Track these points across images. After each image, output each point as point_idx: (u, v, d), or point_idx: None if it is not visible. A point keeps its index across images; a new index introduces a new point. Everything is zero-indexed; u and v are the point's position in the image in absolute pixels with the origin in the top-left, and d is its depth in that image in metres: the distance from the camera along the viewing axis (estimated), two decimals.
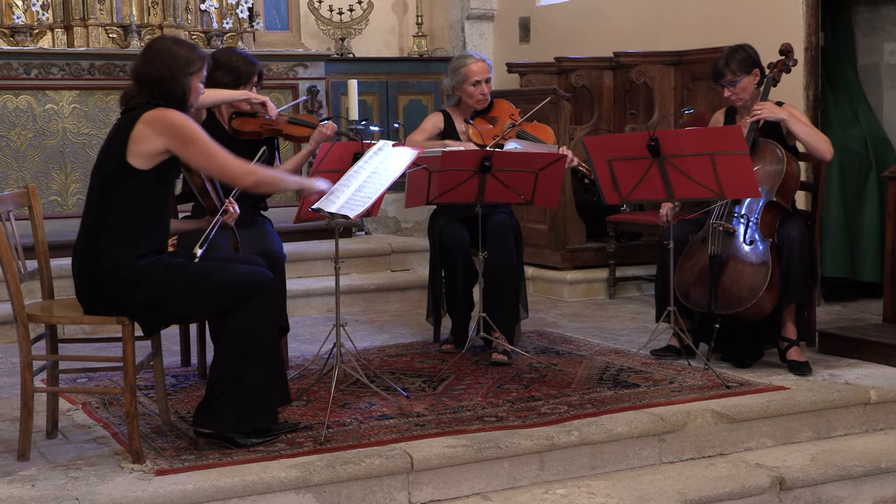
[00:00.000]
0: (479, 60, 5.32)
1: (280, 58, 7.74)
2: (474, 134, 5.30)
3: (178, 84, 3.74)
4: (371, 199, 4.13)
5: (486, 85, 5.31)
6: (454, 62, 5.39)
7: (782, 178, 4.80)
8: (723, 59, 4.98)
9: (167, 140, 3.64)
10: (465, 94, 5.34)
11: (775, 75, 4.98)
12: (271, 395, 3.87)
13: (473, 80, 5.29)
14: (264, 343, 3.81)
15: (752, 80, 4.95)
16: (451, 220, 5.22)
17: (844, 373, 4.75)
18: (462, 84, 5.32)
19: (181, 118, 3.66)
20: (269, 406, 3.87)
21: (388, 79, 8.69)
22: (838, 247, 6.39)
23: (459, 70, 5.32)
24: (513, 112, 5.39)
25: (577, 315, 6.33)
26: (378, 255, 7.17)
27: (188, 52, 3.78)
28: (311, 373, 4.77)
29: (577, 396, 4.41)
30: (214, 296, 3.76)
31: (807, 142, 4.87)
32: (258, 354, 3.79)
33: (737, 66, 4.93)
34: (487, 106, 5.39)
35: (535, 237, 7.03)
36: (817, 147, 4.87)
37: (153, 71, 3.73)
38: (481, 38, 9.04)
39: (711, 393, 4.42)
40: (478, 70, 5.29)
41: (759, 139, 4.88)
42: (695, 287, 4.82)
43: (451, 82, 5.38)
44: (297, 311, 6.31)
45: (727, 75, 4.95)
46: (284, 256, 4.67)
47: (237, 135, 4.77)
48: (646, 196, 4.79)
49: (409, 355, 5.26)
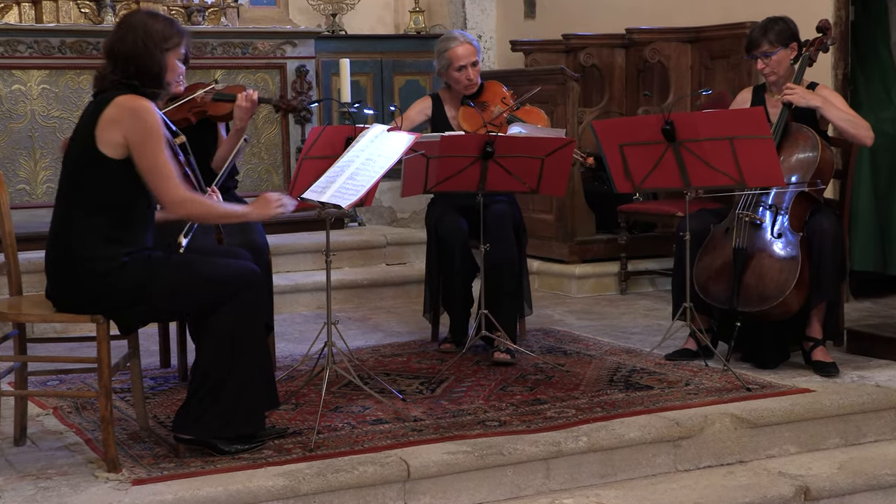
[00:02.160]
0: (464, 43, 5.32)
1: (266, 35, 7.74)
2: (463, 120, 5.31)
3: (154, 60, 3.74)
4: (365, 188, 4.14)
5: (472, 69, 5.32)
6: (438, 45, 5.40)
7: (817, 167, 4.80)
8: (760, 27, 4.99)
9: (127, 129, 3.63)
10: (451, 79, 5.36)
11: (811, 54, 4.98)
12: (258, 398, 3.88)
13: (458, 64, 5.31)
14: (251, 342, 3.82)
15: (788, 55, 4.96)
16: (448, 210, 5.23)
17: (875, 374, 4.76)
18: (447, 69, 5.34)
19: (152, 115, 3.65)
20: (256, 410, 3.88)
21: (382, 58, 8.69)
22: (868, 239, 6.40)
23: (443, 54, 5.34)
24: (504, 96, 5.39)
25: (585, 312, 6.34)
26: (372, 248, 7.18)
27: (165, 26, 3.79)
28: (301, 374, 4.78)
29: (585, 399, 4.43)
30: (197, 291, 3.77)
31: (845, 129, 4.87)
32: (244, 354, 3.80)
33: (775, 37, 4.94)
34: (477, 90, 5.40)
35: (540, 228, 7.05)
36: (857, 134, 4.87)
37: (127, 47, 3.73)
38: (483, 14, 9.04)
39: (731, 396, 4.43)
40: (463, 53, 5.30)
41: (792, 123, 4.88)
42: (715, 281, 4.84)
43: (438, 66, 5.40)
44: (285, 308, 6.33)
45: (763, 45, 4.95)
46: (268, 247, 4.68)
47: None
48: (660, 184, 4.80)
49: (406, 355, 5.27)
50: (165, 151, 3.68)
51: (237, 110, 4.77)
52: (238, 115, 4.77)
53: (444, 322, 5.46)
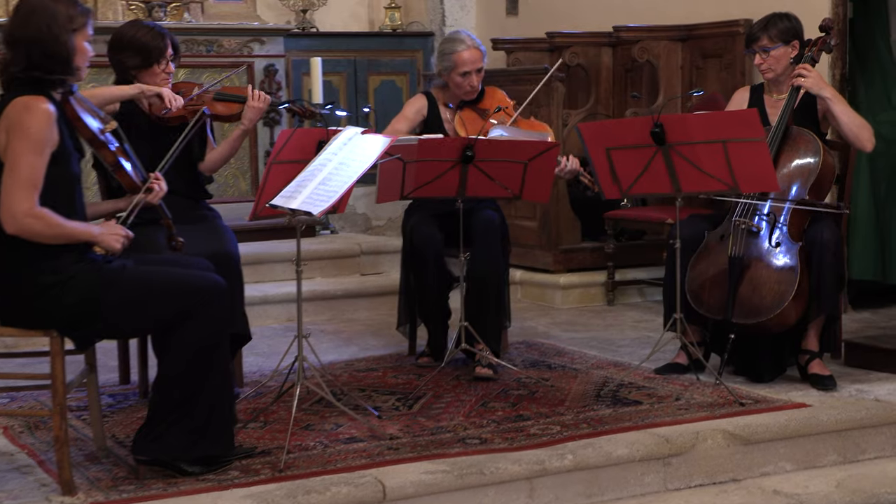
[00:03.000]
0: (471, 47, 5.29)
1: (232, 32, 7.73)
2: (460, 126, 5.30)
3: (61, 44, 3.68)
4: (337, 194, 4.14)
5: (476, 76, 5.29)
6: (443, 45, 5.37)
7: (818, 173, 4.83)
8: (761, 22, 5.02)
9: (7, 129, 3.58)
10: (453, 83, 5.34)
11: (814, 54, 5.00)
12: (225, 418, 3.86)
13: (462, 70, 5.28)
14: (216, 360, 3.80)
15: (788, 52, 4.99)
16: (424, 218, 5.23)
17: (874, 388, 4.79)
18: (450, 72, 5.32)
19: (33, 116, 3.57)
20: (222, 431, 3.86)
21: (356, 56, 8.70)
22: (867, 247, 6.43)
23: (448, 56, 5.31)
24: (506, 105, 5.38)
25: (571, 323, 6.36)
26: (346, 257, 7.18)
27: (68, 6, 3.72)
28: (270, 390, 4.77)
29: (571, 415, 4.44)
30: (155, 307, 3.73)
31: (849, 128, 4.90)
32: (209, 373, 3.78)
33: (776, 33, 4.97)
34: (478, 95, 5.40)
35: (523, 236, 7.06)
36: (859, 136, 4.90)
37: (30, 31, 3.67)
38: (463, 11, 9.06)
39: (723, 411, 4.45)
40: (469, 59, 5.27)
41: (793, 127, 4.91)
42: (709, 291, 4.86)
43: (438, 66, 5.39)
44: (254, 321, 6.22)
45: (762, 40, 4.99)
46: (239, 256, 4.68)
47: (162, 122, 4.75)
48: (649, 189, 4.82)
49: (381, 370, 5.27)
50: (36, 159, 3.57)
51: (248, 110, 4.79)
52: (248, 115, 4.80)
53: (422, 335, 5.46)
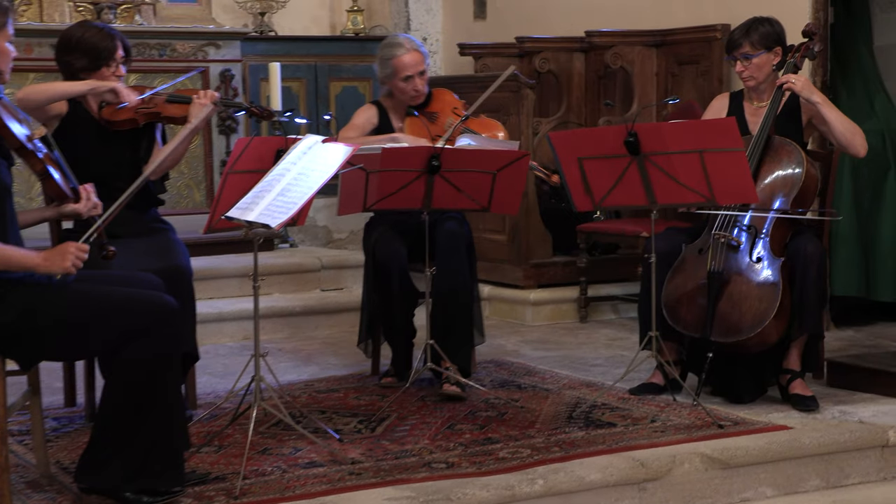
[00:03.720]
0: (410, 50, 5.34)
1: (187, 35, 7.70)
2: (410, 132, 5.32)
3: None
4: (297, 205, 4.12)
5: (419, 79, 5.34)
6: (382, 51, 5.41)
7: (801, 185, 4.85)
8: (742, 27, 5.04)
9: None
10: (397, 89, 5.38)
11: (797, 61, 5.03)
12: (172, 448, 3.81)
13: (404, 74, 5.33)
14: (164, 384, 3.76)
15: (770, 59, 5.02)
16: (388, 231, 5.24)
17: (858, 409, 4.81)
18: (392, 78, 5.36)
19: None
20: (169, 462, 3.80)
21: (317, 62, 8.69)
22: (851, 261, 6.46)
23: (387, 62, 5.35)
24: (456, 105, 5.40)
25: (542, 342, 6.36)
26: (305, 272, 7.17)
27: None
28: (225, 413, 4.74)
29: (542, 438, 4.44)
30: (97, 329, 3.69)
31: (841, 134, 4.93)
32: (156, 399, 3.74)
33: (758, 39, 4.99)
34: (425, 99, 5.41)
35: (492, 250, 7.06)
36: (852, 141, 4.93)
37: None
38: (428, 14, 9.07)
39: (701, 433, 4.46)
40: (410, 62, 5.32)
41: (774, 137, 4.93)
42: (687, 307, 4.87)
43: (380, 74, 5.41)
44: (208, 339, 6.28)
45: (744, 46, 5.01)
46: (192, 272, 4.66)
47: (111, 125, 4.72)
48: (623, 201, 4.83)
49: (343, 391, 5.26)
50: None
51: (195, 108, 4.75)
52: (194, 113, 4.76)
53: (386, 354, 5.45)
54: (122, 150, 4.74)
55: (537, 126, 7.14)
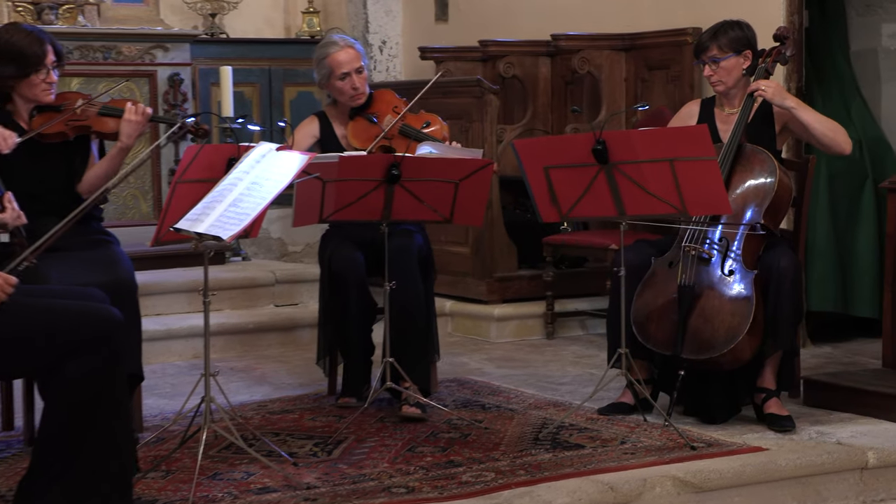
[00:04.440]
0: (344, 47, 5.38)
1: (133, 37, 7.67)
2: (353, 137, 5.33)
3: None
4: (250, 217, 4.11)
5: (357, 76, 5.36)
6: (316, 52, 5.46)
7: (774, 195, 4.88)
8: (711, 30, 5.07)
9: None
10: (335, 90, 5.41)
11: (768, 66, 5.06)
12: (118, 473, 3.77)
13: (340, 72, 5.35)
14: (109, 405, 3.72)
15: (739, 63, 5.04)
16: (344, 242, 5.23)
17: (836, 430, 4.83)
18: (329, 79, 5.39)
19: None
20: (116, 488, 3.76)
21: (271, 65, 8.68)
22: (827, 275, 6.49)
23: (322, 62, 5.39)
24: (396, 104, 5.43)
25: (506, 359, 6.36)
26: (258, 287, 7.15)
27: None
28: (173, 435, 4.72)
29: (507, 461, 4.43)
30: (36, 345, 3.64)
31: (822, 134, 4.95)
32: (101, 419, 3.70)
33: (727, 42, 5.02)
34: (366, 101, 5.42)
35: (454, 263, 7.06)
36: (836, 139, 4.96)
37: None
38: (388, 16, 9.08)
39: (673, 455, 4.47)
40: (345, 59, 5.35)
41: (746, 145, 4.95)
42: (657, 323, 4.88)
43: (318, 78, 5.44)
44: (155, 358, 6.25)
45: (712, 49, 5.03)
46: (137, 286, 4.63)
47: (42, 139, 4.67)
48: (591, 212, 4.84)
49: (298, 412, 5.24)
50: None
51: (125, 125, 4.72)
52: (125, 131, 4.72)
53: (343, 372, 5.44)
54: (53, 164, 4.70)
55: (501, 133, 7.14)
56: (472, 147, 6.35)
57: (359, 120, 5.41)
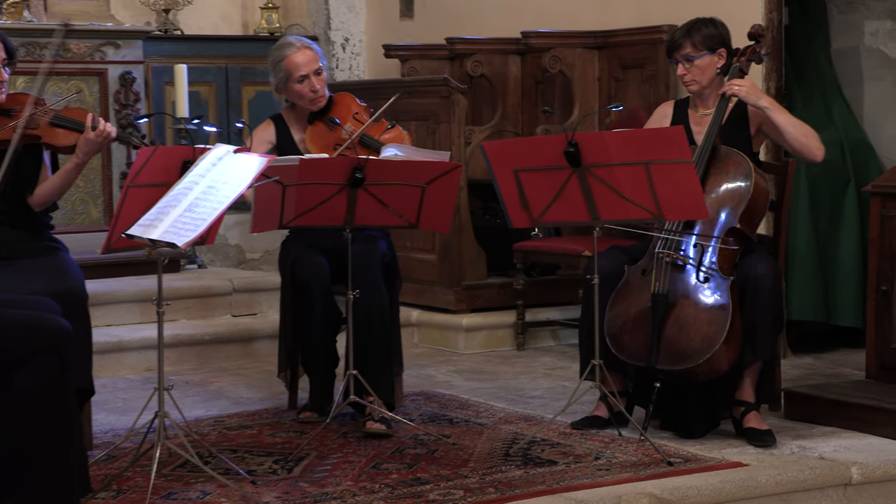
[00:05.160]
0: (301, 49, 5.37)
1: (82, 34, 7.63)
2: (311, 143, 5.33)
3: None
4: (206, 222, 4.10)
5: (316, 79, 5.36)
6: (272, 55, 5.45)
7: (749, 198, 4.90)
8: (683, 28, 5.10)
9: None
10: (293, 94, 5.41)
11: (743, 65, 5.09)
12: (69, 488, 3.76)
13: (298, 75, 5.35)
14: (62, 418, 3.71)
15: (714, 62, 5.07)
16: (307, 248, 5.22)
17: (818, 444, 4.85)
18: (286, 82, 5.39)
19: None
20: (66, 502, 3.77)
21: (228, 63, 8.66)
22: (808, 282, 6.52)
23: (279, 64, 5.38)
24: (357, 111, 5.42)
25: (476, 371, 6.37)
26: (215, 296, 7.14)
27: None
28: (125, 453, 4.70)
29: (476, 478, 4.43)
30: None
31: (794, 138, 4.98)
32: (49, 433, 3.68)
33: (700, 40, 5.05)
34: (326, 104, 5.42)
35: (421, 271, 7.06)
36: (808, 144, 4.99)
37: None
38: (351, 13, 9.07)
39: (649, 472, 4.48)
40: (302, 61, 5.34)
41: (721, 147, 4.98)
42: (631, 334, 4.89)
43: (275, 82, 5.44)
44: (106, 371, 6.22)
45: (685, 48, 5.06)
46: (87, 295, 4.61)
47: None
48: (563, 217, 4.85)
49: (256, 427, 5.23)
50: None
51: (84, 143, 4.66)
52: (84, 149, 4.66)
53: (304, 386, 5.43)
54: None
55: (470, 135, 7.15)
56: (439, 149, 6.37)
57: (318, 125, 5.40)
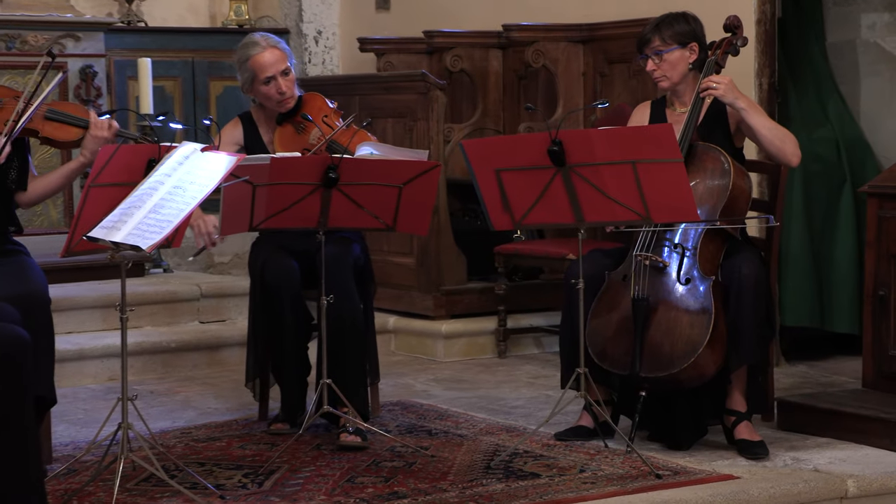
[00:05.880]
0: (268, 48, 5.36)
1: (40, 25, 7.62)
2: (279, 145, 5.33)
3: None
4: (172, 224, 4.10)
5: (283, 79, 5.35)
6: (237, 54, 5.45)
7: (728, 197, 4.92)
8: (653, 23, 5.14)
9: None
10: (260, 95, 5.41)
11: (718, 58, 5.11)
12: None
13: (264, 76, 5.34)
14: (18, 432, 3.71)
15: (685, 57, 5.09)
16: (277, 251, 5.22)
17: (812, 456, 4.87)
18: (252, 83, 5.39)
19: None
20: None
21: (194, 57, 8.65)
22: (803, 287, 6.54)
23: (244, 64, 5.38)
24: (327, 112, 5.41)
25: (455, 380, 6.37)
26: (182, 301, 7.12)
27: None
28: (86, 466, 4.69)
29: (455, 492, 4.44)
30: None
31: (770, 141, 5.00)
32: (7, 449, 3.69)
33: (670, 35, 5.08)
34: (295, 105, 5.42)
35: (398, 275, 7.06)
36: (783, 148, 5.00)
37: None
38: (324, 4, 9.07)
39: (636, 485, 4.49)
40: (270, 61, 5.34)
41: (698, 144, 5.00)
42: (614, 342, 4.90)
43: (241, 82, 5.44)
44: (66, 381, 6.21)
45: (654, 41, 5.09)
46: (49, 299, 4.60)
47: None
48: (547, 219, 4.86)
49: (225, 439, 5.23)
50: None
51: (91, 140, 4.70)
52: (91, 147, 4.70)
53: (275, 395, 5.43)
54: None
55: (449, 133, 7.16)
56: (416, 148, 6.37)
57: (287, 126, 5.39)
